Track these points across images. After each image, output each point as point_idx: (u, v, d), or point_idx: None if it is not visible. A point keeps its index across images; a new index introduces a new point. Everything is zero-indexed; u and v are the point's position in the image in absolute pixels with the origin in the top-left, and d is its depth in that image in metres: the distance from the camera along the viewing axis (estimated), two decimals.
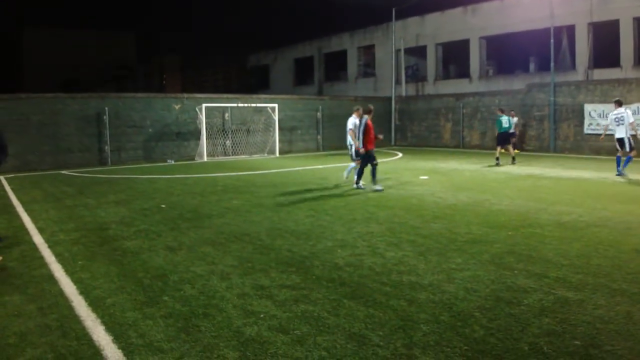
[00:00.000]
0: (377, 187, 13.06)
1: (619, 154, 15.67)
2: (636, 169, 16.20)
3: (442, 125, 30.24)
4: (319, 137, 29.49)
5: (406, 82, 35.06)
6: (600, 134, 23.98)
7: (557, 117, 24.95)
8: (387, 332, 4.56)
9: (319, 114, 29.42)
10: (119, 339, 4.54)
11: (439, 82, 33.41)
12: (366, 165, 13.32)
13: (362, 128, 13.15)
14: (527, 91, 26.81)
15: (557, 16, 25.63)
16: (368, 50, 38.61)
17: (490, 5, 30.39)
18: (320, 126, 29.48)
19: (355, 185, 13.40)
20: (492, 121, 27.96)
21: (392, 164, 21.32)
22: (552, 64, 24.87)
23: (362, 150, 13.10)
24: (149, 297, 5.56)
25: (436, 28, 33.16)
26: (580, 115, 24.41)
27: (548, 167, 18.34)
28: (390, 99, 33.18)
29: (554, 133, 24.96)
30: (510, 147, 19.95)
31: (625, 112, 15.35)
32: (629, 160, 15.41)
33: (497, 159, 19.53)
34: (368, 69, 38.87)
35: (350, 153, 14.35)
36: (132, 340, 4.51)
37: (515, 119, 24.16)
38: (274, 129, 26.48)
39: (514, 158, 19.79)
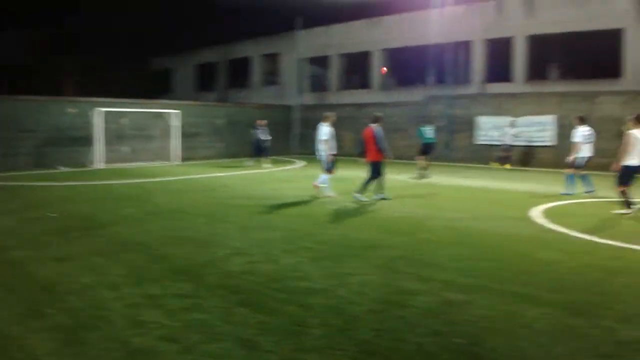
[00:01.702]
0: (360, 196, 12.63)
1: (582, 173, 14.33)
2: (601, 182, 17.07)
3: (343, 134, 30.70)
4: (221, 144, 29.17)
5: (309, 91, 35.42)
6: (492, 145, 25.47)
7: (452, 128, 26.04)
8: (278, 338, 4.61)
9: (221, 121, 29.15)
10: (1, 354, 4.32)
11: (341, 92, 33.97)
12: (375, 176, 12.80)
13: (381, 135, 12.70)
14: (425, 103, 27.84)
15: (455, 32, 26.89)
16: (272, 58, 38.68)
17: (391, 19, 31.24)
18: (222, 133, 29.20)
19: (379, 199, 12.81)
20: (393, 131, 28.79)
21: (293, 172, 21.49)
22: (448, 78, 26.00)
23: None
24: (34, 310, 5.31)
25: (340, 39, 33.73)
26: (474, 126, 25.71)
27: (444, 176, 19.07)
28: (293, 107, 33.43)
29: (450, 143, 26.03)
30: (424, 158, 19.14)
31: (591, 130, 14.47)
32: (581, 178, 14.29)
33: (422, 169, 19.00)
34: (272, 77, 38.91)
35: (325, 164, 13.62)
36: (14, 355, 4.32)
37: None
38: (175, 136, 25.97)
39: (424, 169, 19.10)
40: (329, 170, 13.61)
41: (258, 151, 23.61)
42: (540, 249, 8.04)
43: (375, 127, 12.90)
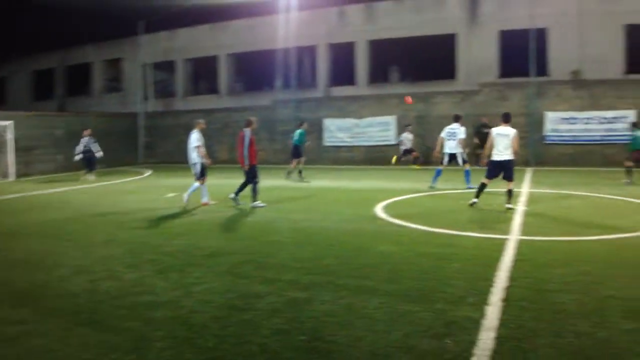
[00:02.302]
0: (259, 204, 12.59)
1: (440, 167, 15.63)
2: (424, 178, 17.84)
3: None
4: (59, 157, 27.47)
5: (155, 97, 34.50)
6: (340, 146, 26.57)
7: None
8: (119, 355, 4.54)
9: (60, 132, 27.50)
10: None
11: (189, 98, 33.48)
12: (249, 181, 12.70)
13: (247, 142, 12.46)
14: (273, 107, 28.31)
15: (300, 37, 27.69)
16: (114, 64, 37.15)
17: (238, 24, 31.29)
18: (62, 145, 27.49)
19: (234, 201, 12.76)
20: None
21: (139, 182, 20.92)
22: (294, 82, 26.67)
23: (246, 167, 12.47)
24: None
25: (185, 44, 33.19)
26: (320, 129, 26.62)
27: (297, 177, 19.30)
28: (137, 115, 32.44)
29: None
30: (298, 161, 19.61)
31: (459, 128, 15.40)
32: (468, 173, 15.22)
33: (290, 172, 19.58)
34: (115, 83, 37.38)
35: (195, 172, 13.18)
36: None
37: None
38: (8, 150, 24.10)
39: (300, 172, 19.54)
40: (200, 178, 13.25)
41: (88, 163, 22.24)
42: (381, 242, 8.58)
43: (245, 131, 12.77)
